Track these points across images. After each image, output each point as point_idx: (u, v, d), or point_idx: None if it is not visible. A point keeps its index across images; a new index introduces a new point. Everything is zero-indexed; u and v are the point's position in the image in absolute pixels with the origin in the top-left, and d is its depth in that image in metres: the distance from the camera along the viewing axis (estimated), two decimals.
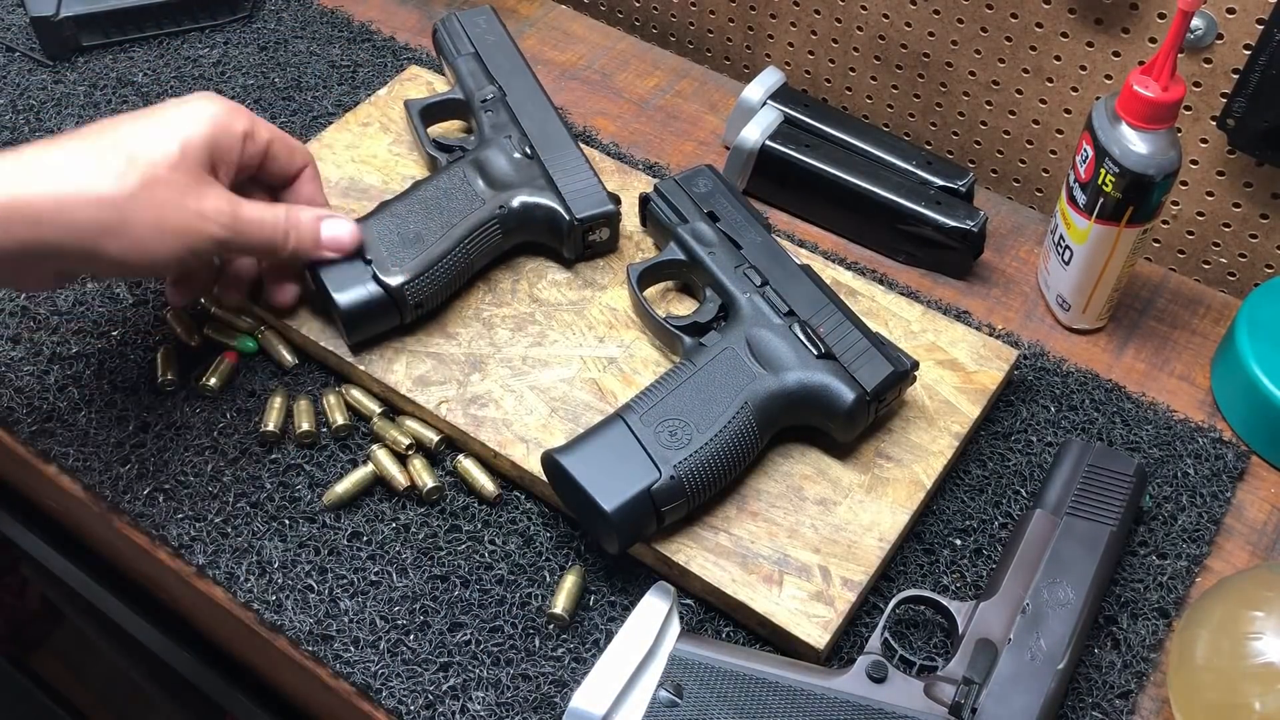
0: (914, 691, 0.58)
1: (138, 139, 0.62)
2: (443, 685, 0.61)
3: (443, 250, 0.73)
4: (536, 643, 0.63)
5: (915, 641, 0.64)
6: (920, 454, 0.69)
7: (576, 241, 0.77)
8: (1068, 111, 0.84)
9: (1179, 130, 0.78)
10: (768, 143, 0.84)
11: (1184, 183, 0.81)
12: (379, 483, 0.69)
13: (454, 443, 0.71)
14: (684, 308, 0.77)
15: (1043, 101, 0.85)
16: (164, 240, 0.62)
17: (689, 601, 0.65)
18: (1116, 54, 0.80)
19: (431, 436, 0.70)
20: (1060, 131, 0.85)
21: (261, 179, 0.71)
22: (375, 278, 0.71)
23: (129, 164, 0.61)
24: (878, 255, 0.84)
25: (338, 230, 0.71)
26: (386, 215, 0.75)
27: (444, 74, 0.88)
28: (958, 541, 0.68)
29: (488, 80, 0.83)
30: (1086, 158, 0.72)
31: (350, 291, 0.71)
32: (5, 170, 0.59)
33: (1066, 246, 0.76)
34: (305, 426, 0.71)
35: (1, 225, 0.58)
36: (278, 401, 0.72)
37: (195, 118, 0.65)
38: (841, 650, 0.63)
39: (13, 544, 0.91)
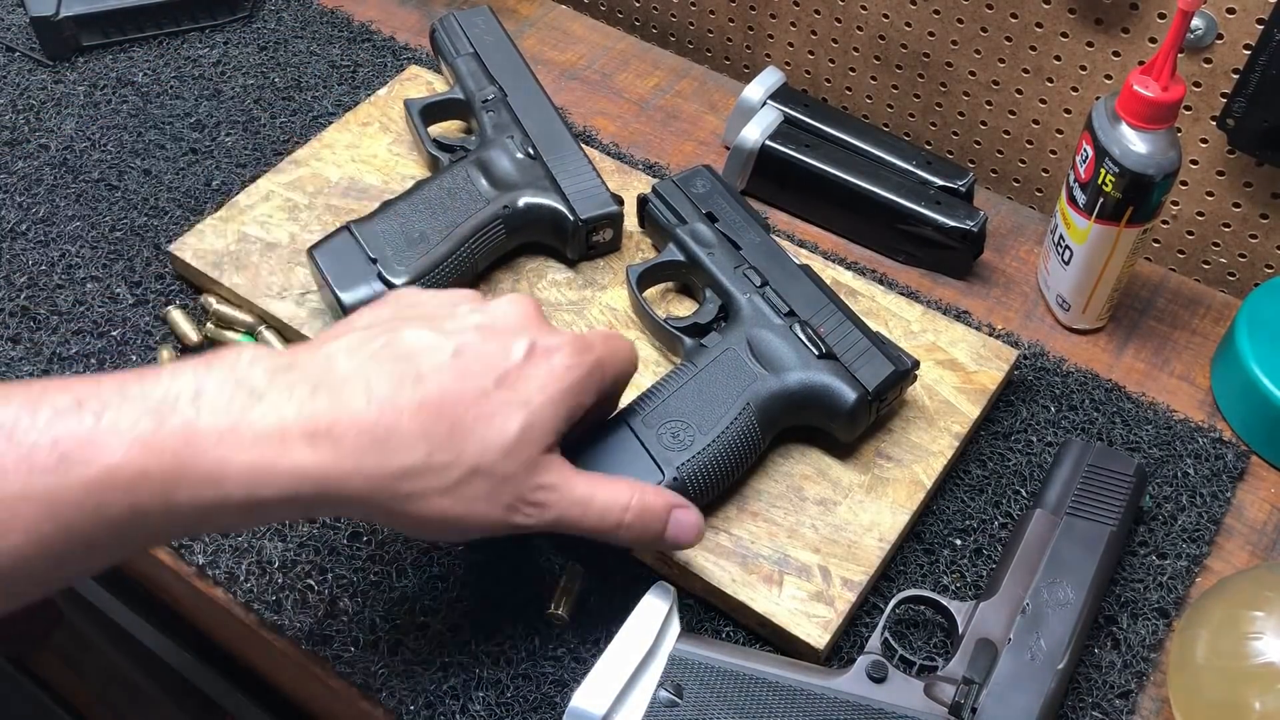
0: (914, 691, 0.58)
1: (481, 417, 0.53)
2: (443, 685, 0.61)
3: (447, 250, 0.73)
4: (536, 643, 0.63)
5: (915, 641, 0.64)
6: (920, 454, 0.69)
7: (580, 242, 0.77)
8: (1068, 111, 0.84)
9: (1179, 130, 0.78)
10: (768, 143, 0.84)
11: (1184, 183, 0.81)
12: None
13: None
14: (684, 308, 0.77)
15: (1043, 101, 0.85)
16: (463, 531, 0.54)
17: (689, 601, 0.65)
18: (1116, 54, 0.80)
19: None
20: (1060, 131, 0.85)
21: None
22: (380, 277, 0.71)
23: (457, 455, 0.52)
24: (878, 255, 0.84)
25: (686, 527, 0.59)
26: (390, 215, 0.75)
27: (443, 74, 0.88)
28: (958, 541, 0.68)
29: (488, 80, 0.83)
30: (1086, 158, 0.72)
31: (356, 290, 0.71)
32: (334, 456, 0.50)
33: (1066, 246, 0.76)
34: None
35: (303, 511, 0.53)
36: None
37: (553, 396, 0.55)
38: (841, 650, 0.63)
39: None
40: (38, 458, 0.46)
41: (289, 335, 0.75)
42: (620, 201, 0.78)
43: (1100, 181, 0.71)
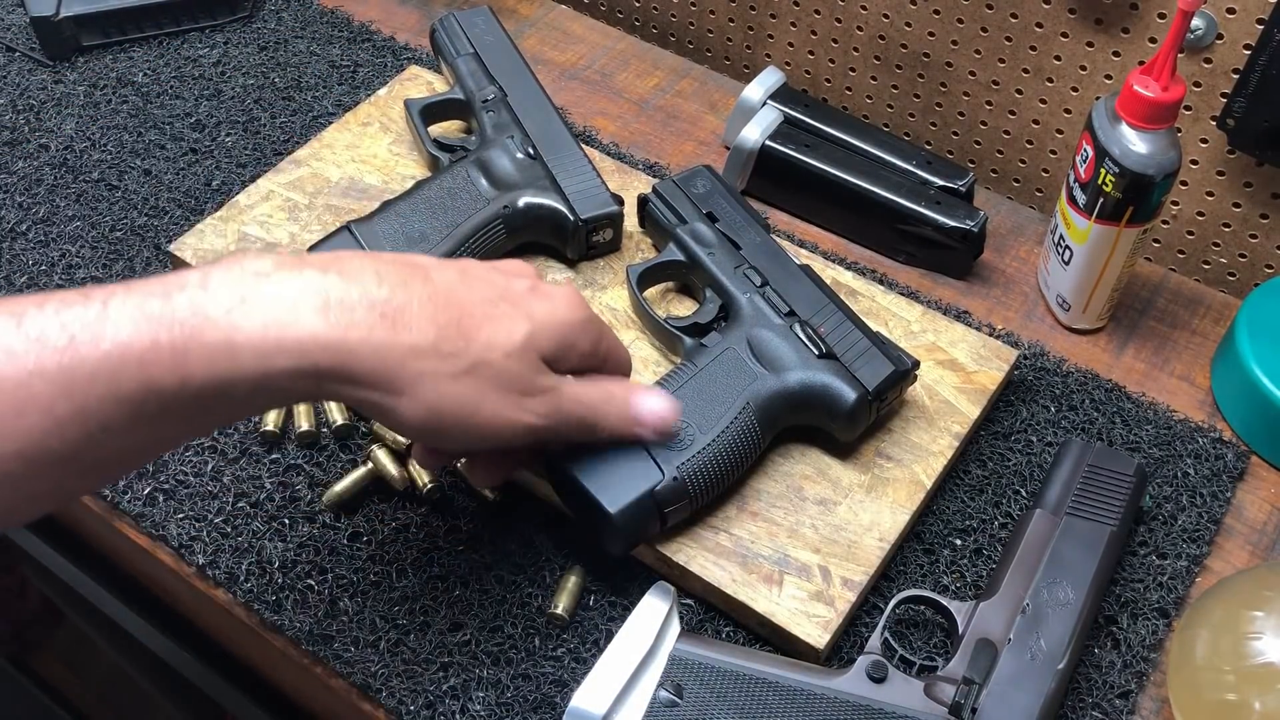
0: (914, 691, 0.58)
1: (489, 316, 0.55)
2: (443, 685, 0.61)
3: (447, 250, 0.73)
4: (536, 643, 0.63)
5: (915, 641, 0.64)
6: (920, 454, 0.69)
7: (580, 242, 0.77)
8: (1068, 111, 0.84)
9: (1179, 130, 0.78)
10: (768, 143, 0.84)
11: (1184, 183, 0.81)
12: (378, 482, 0.69)
13: None
14: (684, 308, 0.77)
15: (1043, 101, 0.85)
16: (471, 430, 0.55)
17: (689, 601, 0.65)
18: (1116, 54, 0.80)
19: None
20: (1060, 131, 0.85)
21: None
22: None
23: (465, 344, 0.53)
24: (878, 255, 0.84)
25: (654, 405, 0.62)
26: (391, 214, 0.75)
27: (443, 74, 0.88)
28: (958, 541, 0.68)
29: (488, 80, 0.83)
30: (1086, 158, 0.72)
31: None
32: (345, 323, 0.51)
33: (1066, 246, 0.76)
34: (305, 426, 0.71)
35: (316, 386, 0.51)
36: None
37: (553, 320, 0.57)
38: (841, 650, 0.63)
39: (13, 544, 0.91)
40: (49, 339, 0.46)
41: None
42: (620, 201, 0.78)
43: (1100, 181, 0.71)
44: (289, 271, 0.51)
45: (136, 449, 0.50)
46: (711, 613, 0.65)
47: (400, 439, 0.69)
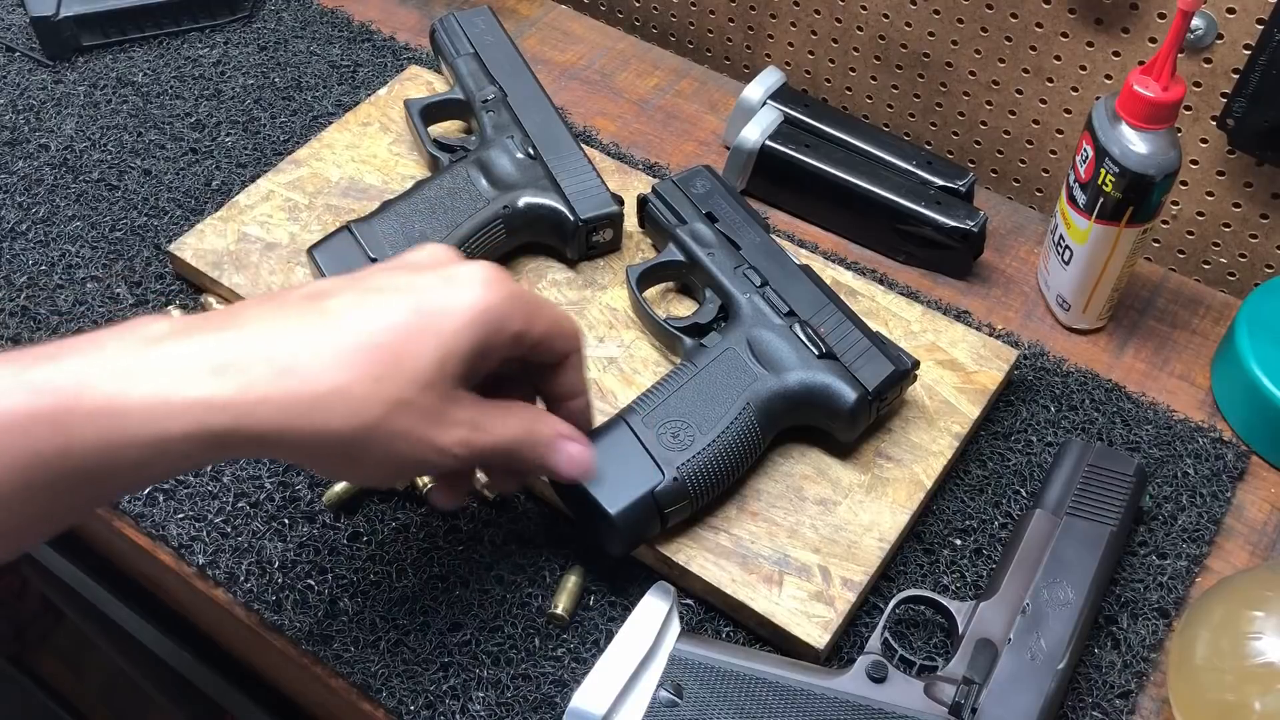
0: (914, 691, 0.58)
1: (393, 346, 0.51)
2: (443, 685, 0.61)
3: None
4: (536, 643, 0.63)
5: (915, 641, 0.64)
6: (920, 454, 0.69)
7: (580, 242, 0.77)
8: (1068, 111, 0.84)
9: (1179, 130, 0.78)
10: (768, 143, 0.84)
11: (1184, 183, 0.81)
12: None
13: None
14: (684, 308, 0.77)
15: (1043, 101, 0.85)
16: (388, 471, 0.54)
17: (689, 601, 0.65)
18: (1116, 54, 0.80)
19: None
20: (1060, 131, 0.85)
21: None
22: None
23: (375, 385, 0.50)
24: (878, 255, 0.84)
25: (575, 458, 0.59)
26: (391, 215, 0.75)
27: (443, 74, 0.88)
28: (958, 541, 0.68)
29: (488, 80, 0.83)
30: (1086, 158, 0.72)
31: None
32: (239, 384, 0.49)
33: (1066, 246, 0.76)
34: None
35: (218, 449, 0.49)
36: None
37: (466, 318, 0.52)
38: (841, 650, 0.63)
39: None
40: None
41: None
42: (620, 201, 0.78)
43: (1100, 181, 0.71)
44: (180, 337, 0.49)
45: (39, 518, 0.49)
46: (711, 613, 0.65)
47: None
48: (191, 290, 0.79)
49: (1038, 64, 0.83)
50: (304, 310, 0.52)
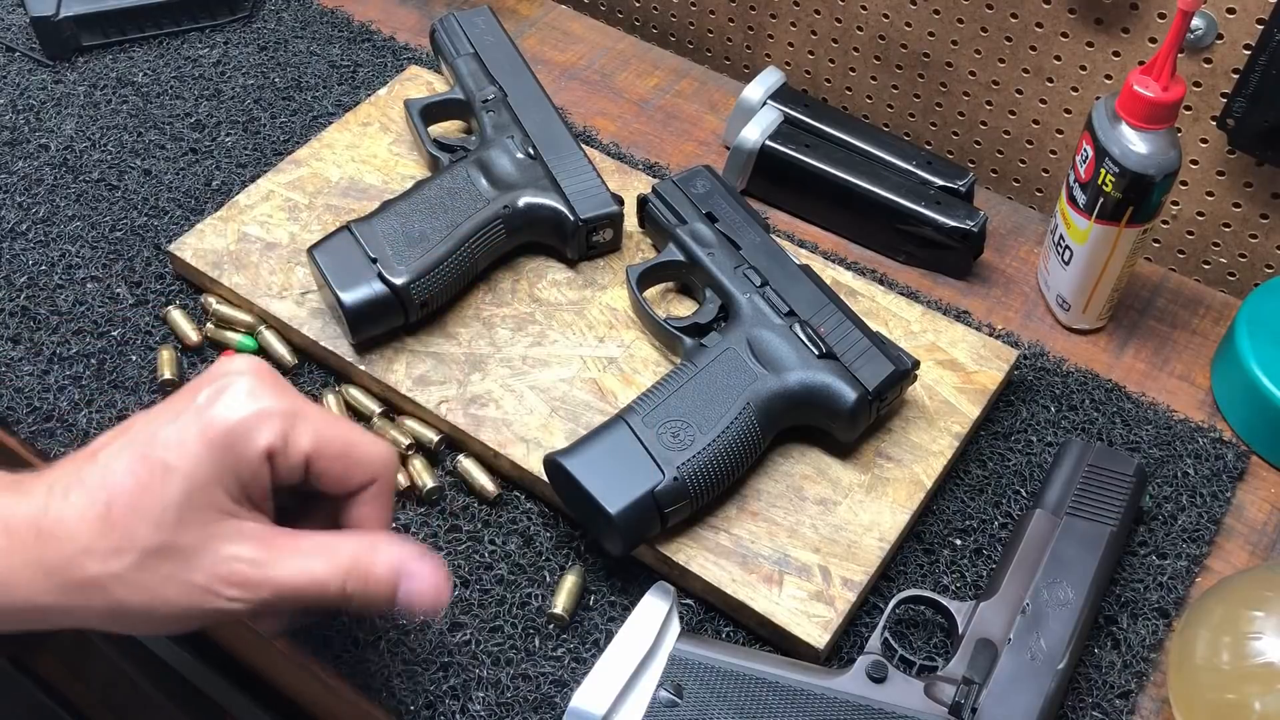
0: (914, 691, 0.58)
1: (132, 492, 0.48)
2: (443, 685, 0.61)
3: (447, 250, 0.73)
4: (536, 643, 0.63)
5: (915, 641, 0.64)
6: (920, 454, 0.69)
7: (580, 242, 0.77)
8: (1068, 111, 0.84)
9: (1179, 130, 0.78)
10: (768, 143, 0.84)
11: (1184, 183, 0.81)
12: None
13: (454, 443, 0.71)
14: (684, 308, 0.77)
15: (1043, 101, 0.85)
16: (162, 622, 0.49)
17: (689, 601, 0.65)
18: (1116, 54, 0.80)
19: (431, 436, 0.70)
20: (1060, 131, 0.85)
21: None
22: (381, 277, 0.71)
23: (121, 538, 0.48)
24: (878, 255, 0.84)
25: (421, 592, 0.52)
26: (391, 214, 0.75)
27: (443, 74, 0.88)
28: (958, 541, 0.68)
29: (488, 80, 0.83)
30: (1086, 158, 0.72)
31: (356, 290, 0.71)
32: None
33: (1066, 246, 0.76)
34: (168, 375, 0.73)
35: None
36: None
37: (200, 445, 0.49)
38: (841, 650, 0.63)
39: None
40: None
41: (289, 335, 0.75)
42: (620, 201, 0.78)
43: (1100, 181, 0.71)
44: None
45: None
46: (711, 613, 0.65)
47: (400, 439, 0.69)
48: (191, 290, 0.79)
49: (1038, 64, 0.83)
50: (77, 461, 0.50)
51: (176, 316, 0.76)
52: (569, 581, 0.64)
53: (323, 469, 0.52)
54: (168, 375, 0.73)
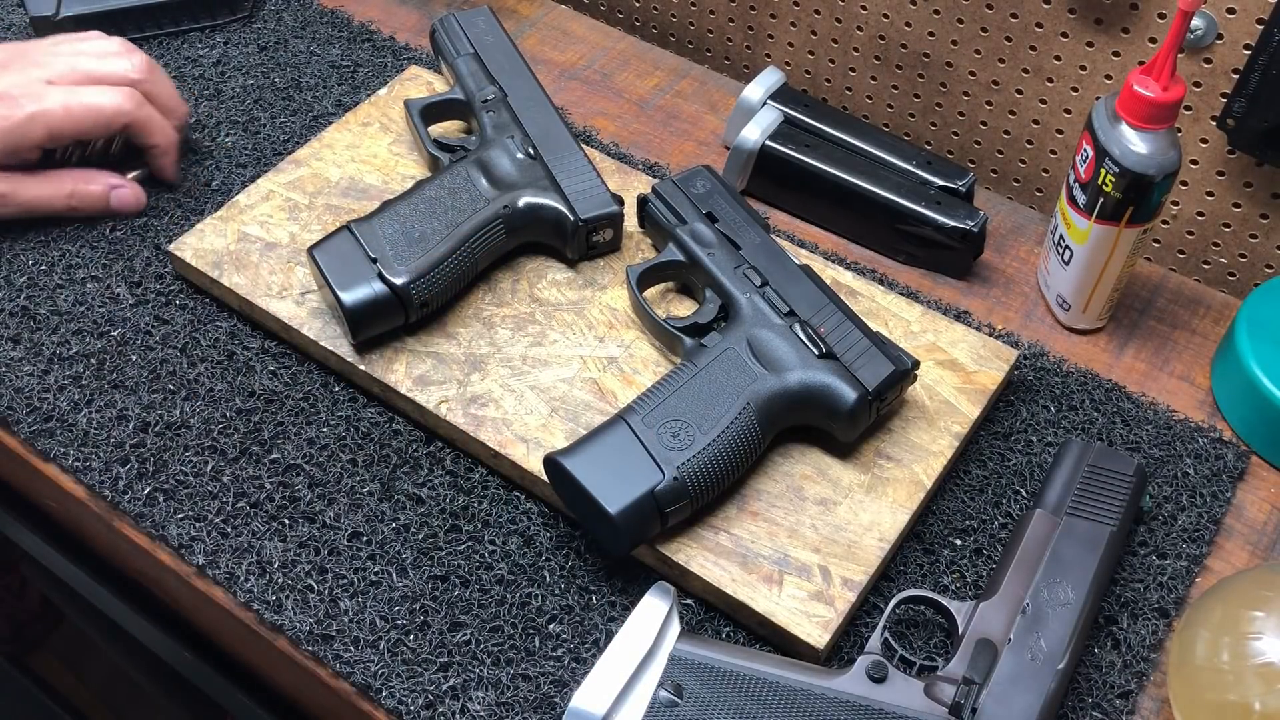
0: (914, 691, 0.58)
1: None
2: (443, 685, 0.61)
3: (447, 249, 0.73)
4: (536, 643, 0.63)
5: (915, 641, 0.64)
6: (920, 454, 0.69)
7: (580, 242, 0.77)
8: (1068, 111, 0.84)
9: (1179, 130, 0.78)
10: (768, 143, 0.84)
11: (1184, 183, 0.81)
12: (381, 483, 0.69)
13: (454, 442, 0.71)
14: (684, 308, 0.77)
15: (1043, 101, 0.85)
16: None
17: (689, 601, 0.65)
18: (1116, 54, 0.80)
19: None
20: (1060, 131, 0.85)
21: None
22: (381, 276, 0.71)
23: None
24: (878, 255, 0.84)
25: (124, 196, 0.82)
26: (391, 214, 0.75)
27: (443, 74, 0.88)
28: (958, 541, 0.68)
29: (488, 80, 0.83)
30: (1086, 158, 0.72)
31: (356, 290, 0.71)
32: None
33: (1066, 246, 0.76)
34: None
35: None
36: None
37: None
38: (841, 650, 0.63)
39: (12, 544, 0.91)
40: None
41: (289, 335, 0.75)
42: (620, 201, 0.78)
43: (1100, 181, 0.71)
44: None
45: None
46: (711, 613, 0.65)
47: None
48: (192, 290, 0.79)
49: (1038, 64, 0.83)
50: None
51: None
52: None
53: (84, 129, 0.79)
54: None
